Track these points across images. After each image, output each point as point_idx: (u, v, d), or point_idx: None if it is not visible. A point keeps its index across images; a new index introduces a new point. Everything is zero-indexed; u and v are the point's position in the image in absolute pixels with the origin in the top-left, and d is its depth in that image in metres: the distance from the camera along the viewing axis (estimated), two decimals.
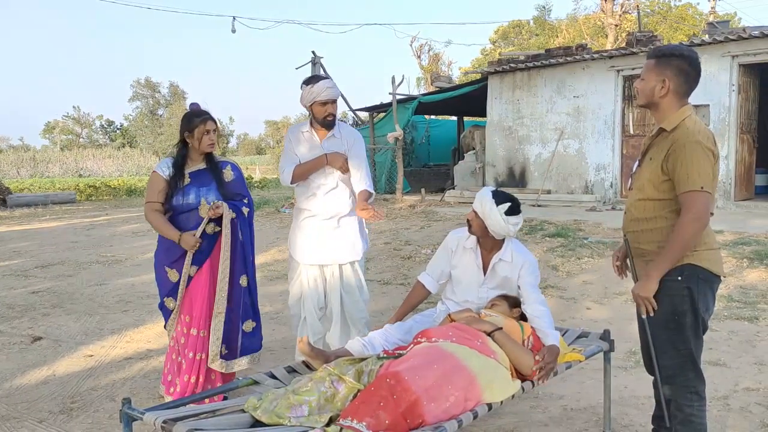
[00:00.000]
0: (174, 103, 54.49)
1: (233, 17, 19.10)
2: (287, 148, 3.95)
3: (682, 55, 2.58)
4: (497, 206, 3.08)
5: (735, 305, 5.48)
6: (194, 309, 3.58)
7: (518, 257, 3.19)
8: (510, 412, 3.53)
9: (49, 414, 3.69)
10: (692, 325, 2.59)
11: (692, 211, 2.46)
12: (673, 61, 2.58)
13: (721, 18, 26.48)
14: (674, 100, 2.60)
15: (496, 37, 39.57)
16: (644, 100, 2.65)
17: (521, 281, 3.16)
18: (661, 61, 2.60)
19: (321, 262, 3.92)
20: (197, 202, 3.57)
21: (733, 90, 10.81)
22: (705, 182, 2.46)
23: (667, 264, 2.51)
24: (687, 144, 2.49)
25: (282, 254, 8.69)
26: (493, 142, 14.24)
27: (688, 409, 2.65)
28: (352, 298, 3.96)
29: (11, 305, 6.33)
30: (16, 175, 38.20)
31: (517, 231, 3.21)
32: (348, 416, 2.24)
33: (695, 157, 2.47)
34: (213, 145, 3.61)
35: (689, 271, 2.55)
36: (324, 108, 3.81)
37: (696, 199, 2.45)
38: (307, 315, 3.94)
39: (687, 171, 2.47)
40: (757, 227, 8.48)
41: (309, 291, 3.93)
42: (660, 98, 2.60)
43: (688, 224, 2.46)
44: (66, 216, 14.99)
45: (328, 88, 3.79)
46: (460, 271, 3.33)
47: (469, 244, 3.29)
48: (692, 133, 2.52)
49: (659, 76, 2.59)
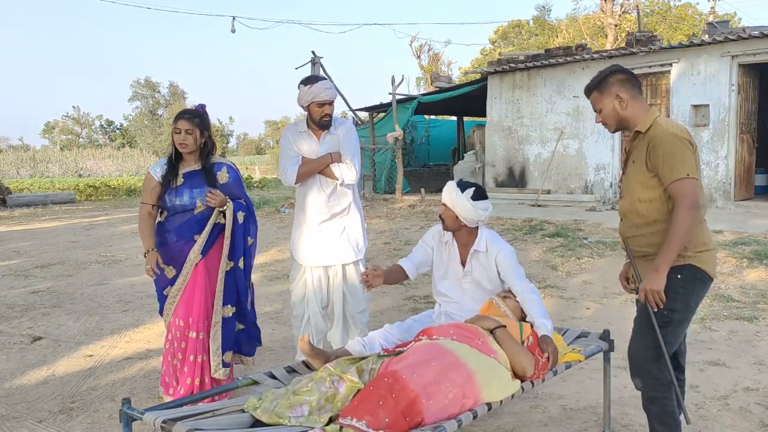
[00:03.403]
0: (174, 103, 54.49)
1: (233, 17, 19.10)
2: (285, 147, 3.94)
3: (611, 71, 2.76)
4: (462, 192, 3.15)
5: (735, 305, 5.48)
6: (192, 312, 3.57)
7: (493, 246, 3.24)
8: (510, 412, 3.53)
9: (49, 414, 3.69)
10: (678, 322, 2.67)
11: (685, 199, 2.52)
12: (609, 80, 2.74)
13: (720, 18, 26.50)
14: (637, 105, 2.72)
15: (496, 37, 39.56)
16: (614, 122, 2.77)
17: (501, 269, 3.20)
18: (600, 87, 2.77)
19: (325, 263, 3.91)
20: (192, 203, 3.56)
21: (732, 90, 10.80)
22: (689, 169, 2.53)
23: (672, 255, 2.55)
24: (664, 138, 2.58)
25: (282, 254, 8.69)
26: (493, 142, 14.24)
27: (661, 401, 2.73)
28: (354, 298, 3.97)
29: (11, 305, 6.33)
30: (15, 175, 38.22)
31: (488, 217, 3.24)
32: (348, 415, 2.24)
33: (675, 148, 2.56)
34: (183, 146, 3.52)
35: (689, 272, 2.62)
36: (321, 109, 3.81)
37: (684, 186, 2.52)
38: (312, 315, 3.94)
39: (670, 163, 2.55)
40: (757, 227, 8.49)
41: (313, 291, 3.92)
42: (624, 111, 2.72)
43: (685, 212, 2.52)
44: (66, 216, 14.99)
45: (326, 88, 3.79)
46: (443, 268, 3.37)
47: (446, 239, 3.35)
48: (666, 128, 2.62)
49: (610, 97, 2.74)
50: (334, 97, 3.87)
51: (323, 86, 3.79)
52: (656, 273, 2.58)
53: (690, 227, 2.53)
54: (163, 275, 3.62)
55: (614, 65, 2.83)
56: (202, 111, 3.65)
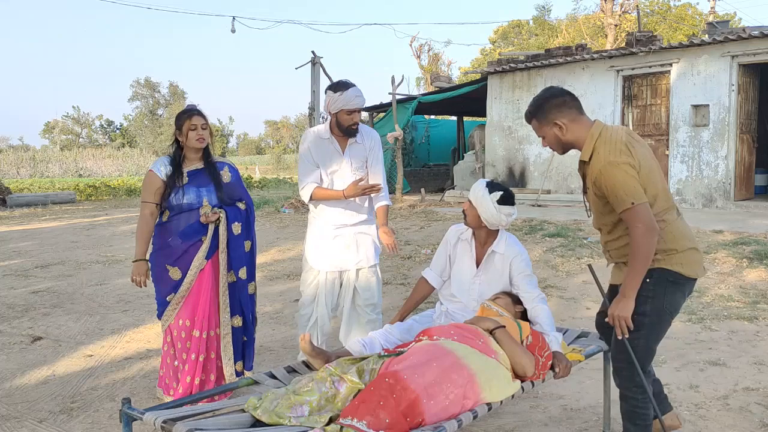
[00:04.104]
0: (174, 103, 54.50)
1: (233, 17, 19.13)
2: (305, 156, 3.84)
3: (546, 97, 2.76)
4: (490, 194, 3.13)
5: (735, 305, 5.48)
6: (197, 311, 3.55)
7: (510, 250, 3.23)
8: (510, 412, 3.53)
9: (49, 414, 3.69)
10: (652, 325, 2.70)
11: (636, 227, 2.55)
12: (545, 107, 2.74)
13: (720, 18, 26.52)
14: (578, 127, 2.72)
15: (496, 37, 39.56)
16: (560, 148, 2.80)
17: (513, 274, 3.20)
18: (537, 116, 2.77)
19: (341, 268, 3.88)
20: (199, 201, 3.53)
21: (732, 90, 10.81)
22: (633, 197, 2.55)
23: (636, 280, 2.61)
24: (602, 170, 2.60)
25: (282, 254, 8.70)
26: (493, 142, 14.24)
27: (633, 401, 2.78)
28: (368, 301, 3.93)
29: (11, 305, 6.33)
30: (15, 175, 38.19)
31: (510, 222, 3.23)
32: (348, 415, 2.24)
33: (614, 179, 2.57)
34: (201, 140, 3.52)
35: (658, 275, 2.66)
36: (350, 116, 3.73)
37: (632, 215, 2.55)
38: (319, 316, 3.90)
39: (614, 194, 2.58)
40: (757, 227, 8.49)
41: (325, 294, 3.88)
42: (566, 136, 2.73)
43: (639, 239, 2.56)
44: (66, 216, 14.98)
45: (356, 96, 3.69)
46: (457, 264, 3.37)
47: (466, 236, 3.34)
48: (603, 157, 2.62)
49: (549, 125, 2.75)
50: (363, 105, 3.80)
51: (354, 94, 3.69)
52: (623, 299, 2.65)
53: (647, 250, 2.57)
54: (167, 277, 3.56)
55: (548, 89, 2.81)
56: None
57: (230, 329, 3.60)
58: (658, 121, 11.91)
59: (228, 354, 3.59)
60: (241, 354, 3.69)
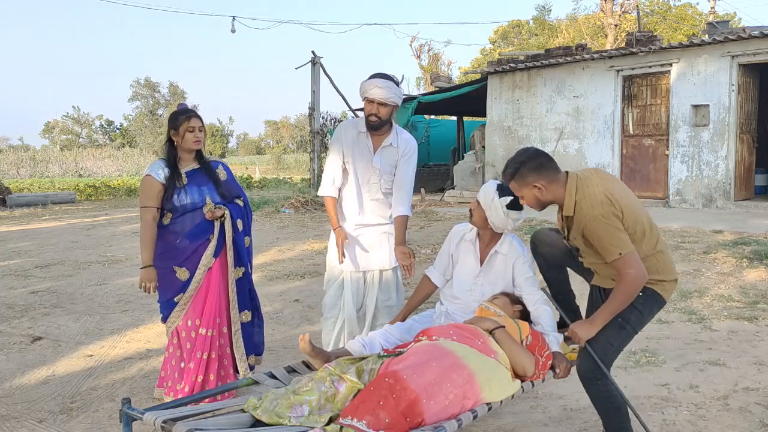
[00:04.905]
0: (174, 103, 54.48)
1: (233, 17, 19.17)
2: (335, 150, 3.75)
3: (522, 161, 2.79)
4: (500, 198, 3.12)
5: (735, 305, 5.48)
6: (204, 310, 3.55)
7: (513, 251, 3.25)
8: (510, 412, 3.53)
9: (49, 414, 3.69)
10: (628, 333, 2.83)
11: (627, 272, 2.65)
12: (522, 171, 2.79)
13: (720, 18, 26.52)
14: (556, 186, 2.78)
15: (496, 37, 39.56)
16: (539, 207, 2.87)
17: (516, 274, 3.21)
18: (516, 178, 2.81)
19: (365, 268, 3.82)
20: (202, 200, 3.54)
21: (732, 90, 10.81)
22: (620, 247, 2.64)
23: (611, 314, 2.74)
24: (588, 224, 2.69)
25: (282, 254, 8.70)
26: (493, 142, 14.24)
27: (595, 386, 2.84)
28: (388, 302, 3.86)
29: (11, 305, 6.33)
30: (15, 175, 38.21)
31: (516, 227, 3.23)
32: (348, 415, 2.24)
33: (601, 232, 2.67)
34: (198, 143, 3.54)
35: (650, 294, 2.80)
36: (370, 106, 3.59)
37: (621, 264, 2.66)
38: (347, 319, 3.80)
39: (602, 245, 2.68)
40: (757, 227, 8.49)
41: (350, 295, 3.81)
42: (545, 196, 2.81)
43: (626, 285, 2.67)
44: (66, 216, 14.98)
45: (377, 86, 3.54)
46: (459, 263, 3.37)
47: (470, 236, 3.34)
48: (587, 211, 2.70)
49: (527, 187, 2.79)
50: (388, 100, 3.55)
51: (375, 83, 3.55)
52: (590, 325, 2.77)
53: (633, 293, 2.69)
54: (174, 279, 3.54)
55: (524, 152, 2.85)
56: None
57: (240, 325, 3.64)
58: (658, 121, 11.91)
59: (240, 350, 3.62)
60: (252, 348, 3.72)
